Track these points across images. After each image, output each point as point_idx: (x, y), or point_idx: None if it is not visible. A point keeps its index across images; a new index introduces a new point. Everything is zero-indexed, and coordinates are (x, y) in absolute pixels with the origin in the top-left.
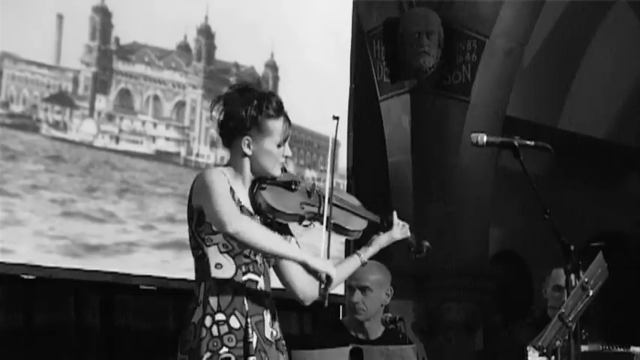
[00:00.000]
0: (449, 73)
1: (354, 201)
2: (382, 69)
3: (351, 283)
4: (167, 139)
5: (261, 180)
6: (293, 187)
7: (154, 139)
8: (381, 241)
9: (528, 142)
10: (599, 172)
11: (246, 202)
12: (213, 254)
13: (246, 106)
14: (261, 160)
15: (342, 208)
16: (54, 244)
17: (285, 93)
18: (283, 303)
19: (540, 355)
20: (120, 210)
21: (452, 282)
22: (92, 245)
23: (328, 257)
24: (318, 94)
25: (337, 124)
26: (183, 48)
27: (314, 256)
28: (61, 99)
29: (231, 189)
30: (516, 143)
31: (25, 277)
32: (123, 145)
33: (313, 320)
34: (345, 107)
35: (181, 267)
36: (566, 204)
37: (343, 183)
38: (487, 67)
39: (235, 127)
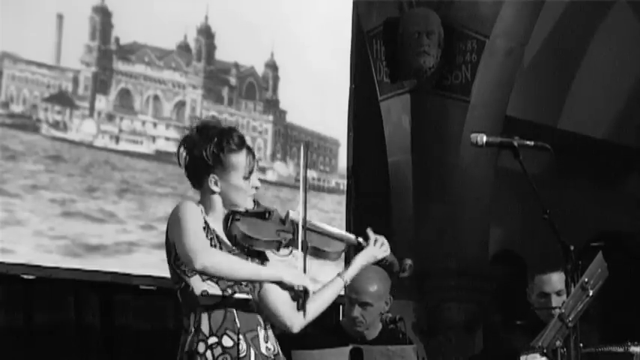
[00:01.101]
0: (449, 73)
1: (328, 226)
2: (382, 69)
3: (351, 297)
4: (167, 139)
5: (234, 213)
6: (266, 216)
7: (154, 139)
8: (362, 260)
9: (528, 142)
10: (599, 172)
11: (222, 235)
12: (197, 283)
13: (206, 145)
14: (230, 196)
15: (318, 232)
16: (54, 244)
17: (285, 93)
18: None
19: (541, 356)
20: (120, 210)
21: (452, 282)
22: (92, 245)
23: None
24: (318, 94)
25: (306, 150)
26: (183, 48)
27: (288, 272)
28: (61, 99)
29: (206, 223)
30: (516, 143)
31: (25, 277)
32: (123, 145)
33: (313, 320)
34: (345, 107)
35: None
36: (566, 204)
37: (343, 183)
38: (487, 67)
39: (200, 168)
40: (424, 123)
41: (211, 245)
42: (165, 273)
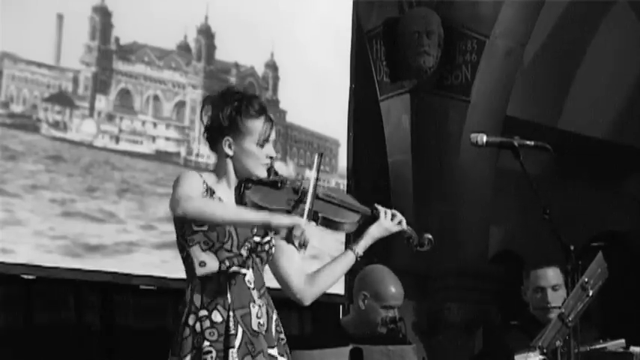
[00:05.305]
0: (449, 73)
1: (344, 196)
2: (382, 69)
3: (391, 304)
4: (167, 139)
5: (247, 180)
6: (279, 185)
7: (154, 139)
8: (373, 232)
9: (528, 142)
10: (599, 172)
11: (230, 202)
12: (196, 253)
13: (225, 107)
14: (242, 161)
15: (330, 202)
16: (54, 244)
17: (285, 93)
18: (283, 303)
19: (539, 355)
20: (120, 210)
21: (452, 282)
22: (92, 245)
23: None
24: (318, 94)
25: (319, 160)
26: (183, 48)
27: (275, 215)
28: (61, 99)
29: (209, 189)
30: (516, 143)
31: (25, 277)
32: (123, 145)
33: (313, 320)
34: (345, 107)
35: (181, 267)
36: (566, 204)
37: (343, 183)
38: (487, 67)
39: (216, 129)
40: (424, 123)
41: None
42: (165, 273)
